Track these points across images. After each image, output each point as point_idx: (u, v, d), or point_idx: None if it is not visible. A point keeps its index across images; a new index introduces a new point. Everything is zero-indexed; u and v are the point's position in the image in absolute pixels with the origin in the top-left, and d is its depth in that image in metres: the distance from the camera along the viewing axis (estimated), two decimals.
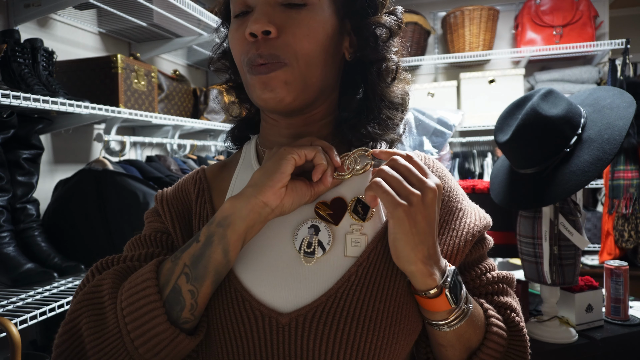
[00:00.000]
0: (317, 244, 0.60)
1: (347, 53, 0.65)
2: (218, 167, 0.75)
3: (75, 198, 1.43)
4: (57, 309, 1.11)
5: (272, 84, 0.58)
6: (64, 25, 1.70)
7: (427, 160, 0.70)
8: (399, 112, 0.67)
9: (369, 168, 0.63)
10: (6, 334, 0.94)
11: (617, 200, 2.47)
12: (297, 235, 0.61)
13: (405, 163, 0.57)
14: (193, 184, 0.71)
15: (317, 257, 0.59)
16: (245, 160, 0.71)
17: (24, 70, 1.28)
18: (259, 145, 0.72)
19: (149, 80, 1.73)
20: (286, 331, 0.56)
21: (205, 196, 0.69)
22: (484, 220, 0.67)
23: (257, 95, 0.60)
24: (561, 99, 1.16)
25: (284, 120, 0.66)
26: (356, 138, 0.65)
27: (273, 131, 0.68)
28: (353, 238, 0.60)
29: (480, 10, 2.94)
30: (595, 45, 2.78)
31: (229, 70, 0.73)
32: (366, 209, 0.61)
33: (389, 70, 0.66)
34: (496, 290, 0.68)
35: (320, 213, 0.62)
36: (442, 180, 0.67)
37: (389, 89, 0.66)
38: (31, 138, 1.30)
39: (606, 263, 1.38)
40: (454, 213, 0.65)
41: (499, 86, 2.91)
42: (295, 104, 0.60)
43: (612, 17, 3.19)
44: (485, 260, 0.69)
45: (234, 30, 0.62)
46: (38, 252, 1.30)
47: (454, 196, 0.67)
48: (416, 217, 0.54)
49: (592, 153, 1.09)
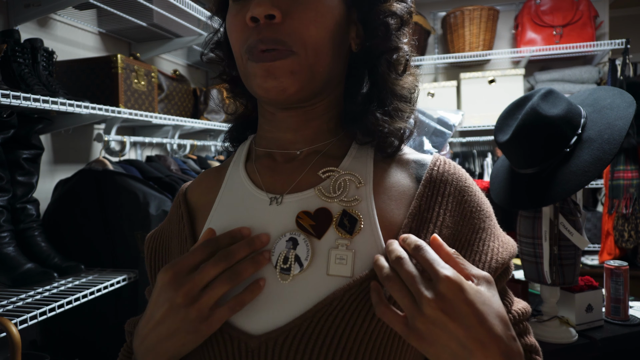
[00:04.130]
0: (293, 259, 0.53)
1: (354, 44, 0.60)
2: (204, 178, 0.69)
3: (76, 198, 1.43)
4: (57, 309, 1.11)
5: (277, 73, 0.53)
6: (64, 25, 1.70)
7: (448, 165, 0.61)
8: (407, 104, 0.63)
9: (360, 201, 0.56)
10: (6, 334, 0.94)
11: (617, 200, 2.47)
12: (274, 248, 0.55)
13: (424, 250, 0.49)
14: (175, 212, 0.67)
15: (294, 274, 0.53)
16: (236, 162, 0.66)
17: (24, 70, 1.27)
18: (254, 144, 0.66)
19: (149, 80, 1.73)
20: (255, 356, 0.51)
21: (184, 220, 0.63)
22: (510, 247, 0.59)
23: (257, 84, 0.54)
24: (561, 99, 1.16)
25: (282, 113, 0.60)
26: (363, 130, 0.60)
27: (271, 126, 0.63)
28: (337, 254, 0.53)
29: (480, 10, 2.94)
30: (595, 45, 2.78)
31: (224, 62, 0.67)
32: (353, 222, 0.54)
33: (400, 61, 0.61)
34: (520, 331, 0.62)
35: (301, 224, 0.55)
36: (465, 192, 0.59)
37: (400, 82, 0.62)
38: (31, 138, 1.30)
39: (606, 263, 1.38)
40: (477, 233, 0.57)
41: (499, 86, 2.91)
42: (298, 96, 0.55)
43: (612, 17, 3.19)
44: (507, 295, 0.62)
45: (233, 15, 0.56)
46: (38, 252, 1.29)
47: (477, 212, 0.58)
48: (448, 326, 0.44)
49: (592, 153, 1.09)
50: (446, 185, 0.58)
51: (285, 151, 0.62)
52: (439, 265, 0.47)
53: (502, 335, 0.44)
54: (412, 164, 0.61)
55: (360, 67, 0.63)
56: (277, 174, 0.61)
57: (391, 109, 0.61)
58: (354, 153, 0.61)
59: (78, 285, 1.24)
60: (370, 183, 0.58)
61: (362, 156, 0.60)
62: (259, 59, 0.53)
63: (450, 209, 0.57)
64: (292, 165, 0.61)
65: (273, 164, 0.62)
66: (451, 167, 0.61)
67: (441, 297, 0.45)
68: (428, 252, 0.48)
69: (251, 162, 0.65)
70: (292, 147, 0.62)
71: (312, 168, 0.60)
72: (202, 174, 0.71)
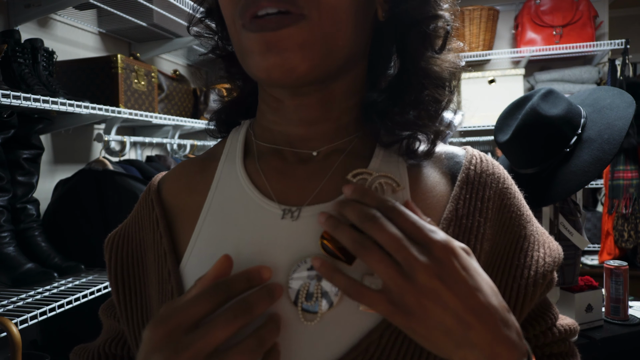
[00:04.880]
0: (319, 295, 0.42)
1: (381, 9, 0.46)
2: (183, 171, 0.55)
3: (76, 198, 1.43)
4: (58, 309, 1.11)
5: (282, 45, 0.40)
6: (64, 25, 1.70)
7: (485, 163, 0.50)
8: (446, 91, 0.49)
9: None
10: (6, 334, 0.94)
11: (617, 200, 2.47)
12: (291, 280, 0.43)
13: (406, 212, 0.40)
14: (147, 214, 0.53)
15: (322, 313, 0.42)
16: (229, 156, 0.52)
17: (24, 71, 1.28)
18: (253, 135, 0.53)
19: (149, 80, 1.73)
20: None
21: (160, 229, 0.50)
22: (555, 254, 0.50)
23: (255, 64, 0.41)
24: (561, 99, 1.16)
25: (292, 99, 0.47)
26: (387, 129, 0.48)
27: (277, 117, 0.49)
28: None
29: (480, 10, 2.94)
30: (595, 46, 2.78)
31: (216, 35, 0.54)
32: None
33: (438, 33, 0.48)
34: (565, 353, 0.53)
35: (327, 246, 0.43)
36: (505, 195, 0.49)
37: (437, 61, 0.48)
38: (31, 138, 1.31)
39: (606, 263, 1.38)
40: (517, 242, 0.48)
41: (499, 86, 2.91)
42: (311, 76, 0.42)
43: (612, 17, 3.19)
44: (550, 308, 0.53)
45: None
46: (38, 252, 1.30)
47: (517, 218, 0.49)
48: (443, 296, 0.37)
49: (592, 153, 1.09)
50: (485, 188, 0.48)
51: (298, 150, 0.49)
52: (428, 228, 0.39)
53: (497, 306, 0.38)
54: (444, 160, 0.50)
55: (387, 41, 0.50)
56: (289, 178, 0.48)
57: (425, 98, 0.48)
58: (381, 152, 0.49)
59: (78, 285, 1.24)
60: (407, 187, 0.47)
61: (391, 154, 0.49)
62: (258, 27, 0.40)
63: (490, 217, 0.47)
64: (308, 168, 0.49)
65: (283, 165, 0.49)
66: (489, 165, 0.50)
67: (438, 262, 0.37)
68: (409, 214, 0.39)
69: (252, 159, 0.51)
70: (306, 146, 0.49)
71: (335, 172, 0.47)
72: (179, 167, 0.57)
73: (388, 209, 0.39)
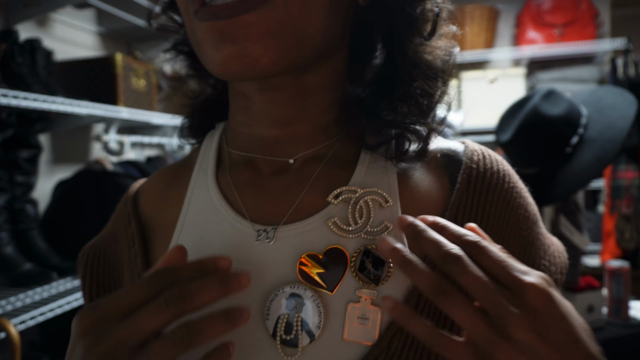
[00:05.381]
0: (300, 327, 0.38)
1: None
2: (159, 182, 0.50)
3: (75, 199, 1.43)
4: (57, 310, 1.11)
5: (240, 34, 0.34)
6: (63, 25, 1.70)
7: (488, 160, 0.44)
8: (439, 82, 0.43)
9: (390, 228, 0.40)
10: (5, 335, 0.94)
11: (619, 200, 2.47)
12: (269, 310, 0.39)
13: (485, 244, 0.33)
14: (123, 229, 0.48)
15: (303, 347, 0.38)
16: (202, 167, 0.47)
17: (23, 70, 1.27)
18: (224, 140, 0.47)
19: (149, 79, 1.73)
20: None
21: (136, 247, 0.45)
22: (560, 260, 0.47)
23: (208, 56, 0.36)
24: (562, 99, 1.16)
25: (261, 95, 0.41)
26: (374, 128, 0.42)
27: (246, 117, 0.44)
28: (359, 312, 0.38)
29: (481, 9, 2.94)
30: (596, 43, 2.78)
31: (182, 28, 0.49)
32: (379, 264, 0.39)
33: (426, 16, 0.42)
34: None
35: (306, 273, 0.39)
36: (511, 196, 0.44)
37: (426, 48, 0.43)
38: (30, 138, 1.30)
39: (607, 263, 1.37)
40: (525, 249, 0.44)
41: (500, 86, 2.91)
42: (277, 69, 0.36)
43: (614, 16, 3.19)
44: None
45: None
46: (37, 252, 1.29)
47: (523, 220, 0.44)
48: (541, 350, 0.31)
49: (593, 153, 1.09)
50: (488, 191, 0.42)
51: (271, 158, 0.44)
52: (518, 269, 0.32)
53: (596, 355, 0.33)
54: (440, 158, 0.44)
55: (369, 28, 0.45)
56: (264, 193, 0.43)
57: (415, 91, 0.42)
58: (367, 157, 0.43)
59: (78, 285, 1.24)
60: (397, 199, 0.41)
61: (378, 159, 0.43)
62: (210, 15, 0.35)
63: (493, 224, 0.42)
64: (284, 180, 0.43)
65: (256, 178, 0.44)
66: (493, 162, 0.44)
67: (533, 312, 0.31)
68: (495, 252, 0.33)
69: (224, 171, 0.46)
70: (280, 151, 0.44)
71: (314, 184, 0.42)
72: (156, 176, 0.52)
73: (469, 245, 0.34)
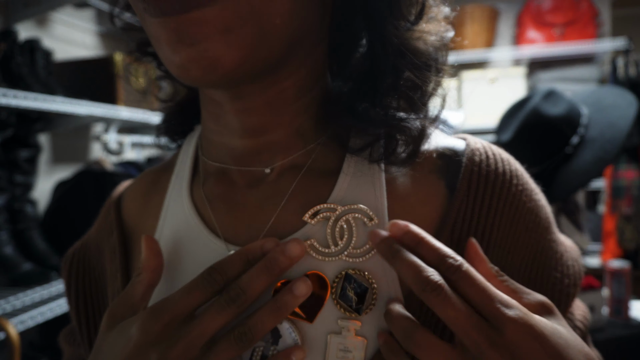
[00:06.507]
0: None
1: None
2: (141, 187, 0.47)
3: (75, 199, 1.43)
4: (56, 310, 1.11)
5: (197, 33, 0.29)
6: (63, 25, 1.70)
7: (492, 160, 0.39)
8: (431, 72, 0.38)
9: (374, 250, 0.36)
10: (5, 335, 0.94)
11: (619, 200, 2.47)
12: None
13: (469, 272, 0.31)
14: (107, 238, 0.46)
15: None
16: (179, 175, 0.44)
17: (22, 70, 1.27)
18: (201, 150, 0.44)
19: (149, 79, 1.73)
20: None
21: (117, 255, 0.43)
22: (576, 271, 0.43)
23: (166, 58, 0.32)
24: (562, 99, 1.16)
25: (232, 103, 0.37)
26: (358, 129, 0.37)
27: (217, 125, 0.40)
28: (341, 344, 0.34)
29: (481, 9, 2.94)
30: (596, 43, 2.78)
31: None
32: (363, 291, 0.35)
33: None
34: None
35: None
36: (520, 200, 0.39)
37: (413, 34, 0.37)
38: (30, 138, 1.30)
39: (608, 264, 1.37)
40: (535, 258, 0.40)
41: (500, 85, 2.91)
42: (243, 70, 0.31)
43: (614, 16, 3.18)
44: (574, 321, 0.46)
45: None
46: (37, 252, 1.29)
47: (533, 228, 0.39)
48: None
49: (593, 153, 1.09)
50: (492, 197, 0.37)
51: (246, 168, 0.40)
52: (499, 299, 0.30)
53: None
54: (436, 160, 0.39)
55: (350, 14, 0.38)
56: (239, 208, 0.40)
57: (403, 83, 0.37)
58: (352, 164, 0.38)
59: None
60: (384, 214, 0.36)
61: (364, 164, 0.38)
62: (158, 11, 0.29)
63: (498, 236, 0.38)
64: (259, 194, 0.39)
65: (231, 192, 0.40)
66: (497, 162, 0.39)
67: (513, 347, 0.30)
68: (478, 279, 0.31)
69: (198, 183, 0.42)
70: (255, 161, 0.40)
71: (292, 198, 0.38)
72: (139, 180, 0.49)
73: (450, 270, 0.31)
